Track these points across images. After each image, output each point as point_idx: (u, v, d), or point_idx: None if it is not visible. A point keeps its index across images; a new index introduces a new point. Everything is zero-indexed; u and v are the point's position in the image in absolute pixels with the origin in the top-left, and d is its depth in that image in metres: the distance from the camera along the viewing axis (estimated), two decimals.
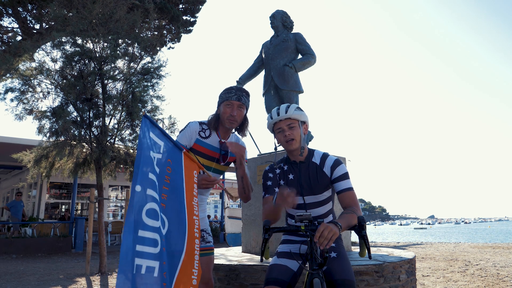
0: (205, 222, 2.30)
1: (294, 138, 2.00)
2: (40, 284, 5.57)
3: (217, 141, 2.20)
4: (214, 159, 2.20)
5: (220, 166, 2.26)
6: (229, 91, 2.19)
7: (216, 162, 2.22)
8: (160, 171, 1.76)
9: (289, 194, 1.73)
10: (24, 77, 6.57)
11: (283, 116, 1.99)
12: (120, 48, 7.06)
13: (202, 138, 2.16)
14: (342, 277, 1.80)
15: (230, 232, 11.75)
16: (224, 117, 2.17)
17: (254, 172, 4.15)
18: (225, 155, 2.22)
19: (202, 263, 2.16)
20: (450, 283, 4.97)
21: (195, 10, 14.04)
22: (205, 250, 2.21)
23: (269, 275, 1.90)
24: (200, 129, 2.17)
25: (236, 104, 2.17)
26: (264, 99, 4.52)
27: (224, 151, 2.22)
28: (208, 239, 2.25)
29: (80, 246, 11.34)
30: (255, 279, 2.94)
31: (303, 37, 4.46)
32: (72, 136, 6.70)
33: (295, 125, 2.01)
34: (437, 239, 27.54)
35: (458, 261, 7.27)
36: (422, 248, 11.02)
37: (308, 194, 2.04)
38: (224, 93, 2.20)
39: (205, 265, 2.17)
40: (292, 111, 2.00)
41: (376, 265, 2.89)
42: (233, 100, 2.16)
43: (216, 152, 2.19)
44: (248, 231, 4.13)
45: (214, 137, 2.20)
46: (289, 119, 2.00)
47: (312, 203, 2.04)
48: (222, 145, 2.21)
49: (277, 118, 2.01)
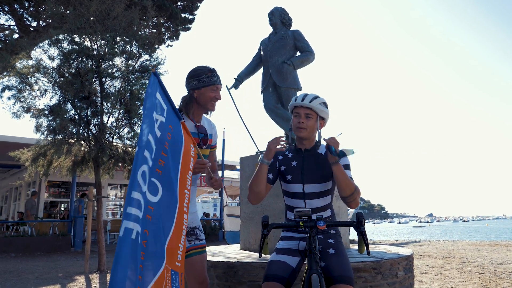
0: (197, 218, 2.24)
1: (306, 128, 2.01)
2: (39, 282, 5.57)
3: (193, 126, 2.18)
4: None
5: (203, 150, 2.21)
6: (212, 76, 2.15)
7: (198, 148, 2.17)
8: (161, 135, 1.72)
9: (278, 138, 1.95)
10: (21, 75, 6.55)
11: (306, 103, 2.00)
12: (118, 45, 7.03)
13: None
14: (341, 273, 1.81)
15: (229, 230, 11.75)
16: (207, 100, 2.15)
17: (253, 170, 4.15)
18: (204, 137, 2.20)
19: (197, 262, 2.11)
20: (448, 280, 4.99)
21: (194, 7, 14.00)
22: (199, 248, 2.15)
23: (268, 271, 1.90)
24: None
25: (220, 87, 2.20)
26: (263, 96, 4.51)
27: (203, 134, 2.20)
28: (201, 236, 2.20)
29: (79, 244, 11.33)
30: (253, 276, 2.94)
31: (302, 34, 4.45)
32: (70, 134, 6.69)
33: (313, 116, 2.02)
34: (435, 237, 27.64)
35: (456, 258, 7.30)
36: (420, 245, 11.05)
37: (309, 183, 2.04)
38: (207, 78, 2.14)
39: (200, 264, 2.12)
40: (316, 103, 2.01)
41: (374, 262, 2.90)
42: (218, 84, 2.17)
43: (195, 137, 2.14)
44: (246, 229, 4.14)
45: (188, 122, 2.16)
46: (309, 109, 2.01)
47: (311, 193, 2.04)
48: (199, 128, 2.19)
49: (299, 103, 2.02)
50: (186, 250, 2.09)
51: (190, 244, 2.13)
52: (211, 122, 2.35)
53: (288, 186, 2.10)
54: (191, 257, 2.12)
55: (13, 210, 18.17)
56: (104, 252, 6.64)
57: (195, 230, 2.19)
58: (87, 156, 6.83)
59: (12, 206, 18.46)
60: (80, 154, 6.92)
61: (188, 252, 2.12)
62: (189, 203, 1.88)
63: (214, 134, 2.33)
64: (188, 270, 2.09)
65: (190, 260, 2.11)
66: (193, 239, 2.16)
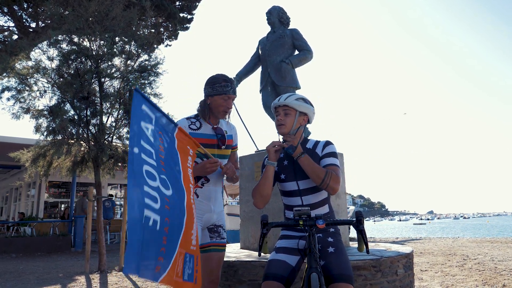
0: (222, 217, 2.32)
1: (285, 124, 2.09)
2: (39, 282, 5.57)
3: (210, 128, 2.28)
4: (214, 146, 2.26)
5: (222, 151, 2.30)
6: (226, 85, 2.24)
7: (217, 148, 2.27)
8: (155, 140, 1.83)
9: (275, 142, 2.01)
10: (21, 76, 6.54)
11: (282, 102, 2.10)
12: (117, 46, 7.03)
13: (194, 130, 2.24)
14: (340, 271, 1.81)
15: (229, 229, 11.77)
16: (219, 109, 2.25)
17: (252, 169, 4.15)
18: (222, 138, 2.28)
19: (213, 258, 2.17)
20: (448, 277, 4.99)
21: (192, 7, 13.99)
22: (219, 246, 2.23)
23: (268, 270, 1.90)
24: (189, 123, 2.26)
25: (232, 97, 2.27)
26: (261, 95, 4.51)
27: (220, 135, 2.28)
28: (223, 235, 2.28)
29: (79, 244, 11.35)
30: (253, 275, 2.95)
31: (300, 33, 4.45)
32: (70, 134, 6.69)
33: (290, 113, 2.09)
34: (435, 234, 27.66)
35: (456, 255, 7.31)
36: (420, 243, 11.06)
37: (302, 179, 2.06)
38: (220, 87, 2.23)
39: (216, 262, 2.19)
40: (292, 99, 2.08)
41: (374, 260, 2.91)
42: (231, 94, 2.25)
43: (213, 139, 2.26)
44: (246, 228, 4.14)
45: (205, 126, 2.28)
46: (286, 106, 2.09)
47: (306, 189, 2.06)
48: (216, 130, 2.28)
49: (276, 103, 2.13)
50: (207, 245, 2.20)
51: (211, 240, 2.22)
52: (231, 123, 2.45)
53: (284, 185, 2.13)
54: (209, 253, 2.19)
55: (13, 210, 18.19)
56: (104, 252, 6.64)
57: (219, 228, 2.27)
58: (86, 156, 6.83)
59: (13, 206, 18.47)
60: (80, 154, 6.92)
61: (208, 247, 2.19)
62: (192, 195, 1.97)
63: (234, 134, 2.44)
64: (203, 265, 2.15)
65: (207, 256, 2.18)
66: (215, 236, 2.24)
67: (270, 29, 4.58)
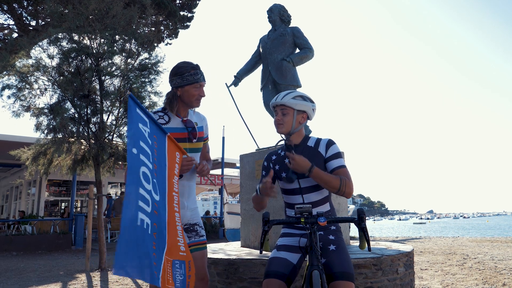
0: (197, 214, 2.24)
1: (283, 123, 2.08)
2: (40, 280, 5.58)
3: (180, 122, 2.18)
4: (185, 140, 2.18)
5: (194, 144, 2.21)
6: (195, 73, 2.14)
7: (188, 142, 2.19)
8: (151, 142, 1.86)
9: (266, 183, 1.93)
10: (21, 74, 6.54)
11: (278, 102, 2.09)
12: (117, 44, 7.02)
13: (163, 125, 2.13)
14: (341, 269, 1.81)
15: (229, 227, 11.78)
16: (192, 99, 2.15)
17: (253, 167, 4.15)
18: (193, 131, 2.20)
19: (197, 258, 2.11)
20: (448, 276, 5.00)
21: (193, 5, 13.96)
22: (199, 244, 2.16)
23: (269, 268, 1.90)
24: (157, 117, 2.15)
25: (203, 84, 2.19)
26: (262, 93, 4.51)
27: (191, 127, 2.19)
28: (201, 232, 2.20)
29: (80, 243, 11.36)
30: (254, 273, 2.95)
31: (301, 31, 4.44)
32: (70, 132, 6.69)
33: (288, 112, 2.08)
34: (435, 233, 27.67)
35: (456, 254, 7.31)
36: (420, 242, 11.07)
37: (303, 177, 2.05)
38: (190, 76, 2.13)
39: (200, 260, 2.12)
40: (288, 98, 2.07)
41: (374, 258, 2.91)
42: (202, 81, 2.17)
43: (183, 132, 2.17)
44: (246, 226, 4.14)
45: (174, 119, 2.18)
46: (283, 105, 2.08)
47: (308, 187, 2.05)
48: (186, 123, 2.19)
49: (273, 103, 2.13)
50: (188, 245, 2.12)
51: (190, 240, 2.14)
52: (200, 114, 2.34)
53: (285, 183, 2.12)
54: (191, 253, 2.11)
55: (13, 209, 18.22)
56: (104, 250, 6.65)
57: (195, 226, 2.19)
58: (87, 155, 6.83)
59: (13, 205, 18.50)
60: (80, 152, 6.92)
61: (189, 247, 2.11)
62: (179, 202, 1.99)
63: (205, 126, 2.32)
64: None
65: None
66: (193, 235, 2.16)
67: (271, 27, 4.58)
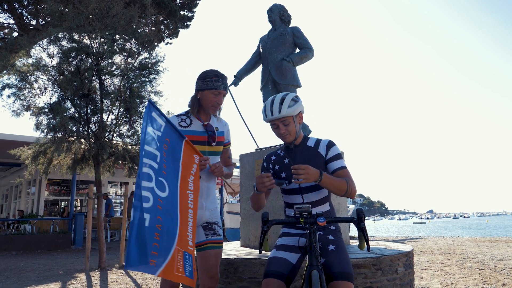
0: (216, 214, 2.31)
1: (289, 133, 2.05)
2: (40, 280, 5.58)
3: (200, 125, 2.27)
4: (204, 143, 2.25)
5: (213, 148, 2.29)
6: (216, 80, 2.21)
7: (207, 145, 2.26)
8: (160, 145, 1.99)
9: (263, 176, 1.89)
10: (21, 73, 6.54)
11: (277, 116, 1.99)
12: (117, 43, 7.02)
13: (184, 127, 2.23)
14: (341, 269, 1.81)
15: (229, 227, 11.79)
16: (209, 104, 2.24)
17: (253, 167, 4.15)
18: (212, 135, 2.27)
19: (211, 256, 2.17)
20: (448, 276, 5.00)
21: (193, 4, 13.96)
22: (215, 243, 2.21)
23: (268, 268, 1.91)
24: (179, 120, 2.25)
25: (223, 93, 2.25)
26: (262, 93, 4.51)
27: (210, 131, 2.26)
28: (219, 232, 2.26)
29: (79, 242, 11.36)
30: (253, 272, 2.95)
31: (301, 31, 4.44)
32: (70, 132, 6.69)
33: (289, 121, 2.03)
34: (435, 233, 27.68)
35: (456, 254, 7.31)
36: (420, 242, 11.07)
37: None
38: (211, 81, 2.21)
39: (214, 259, 2.18)
40: (285, 110, 1.98)
41: (374, 258, 2.91)
42: (221, 90, 2.23)
43: (203, 136, 2.25)
44: (246, 226, 4.14)
45: (195, 122, 2.27)
46: (282, 117, 2.01)
47: (307, 187, 2.05)
48: (206, 126, 2.27)
49: (271, 118, 2.02)
50: (203, 243, 2.20)
51: (207, 238, 2.21)
52: (223, 120, 2.41)
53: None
54: (206, 250, 2.18)
55: (13, 208, 18.21)
56: (104, 249, 6.65)
57: (214, 225, 2.25)
58: (87, 154, 6.83)
59: (13, 204, 18.49)
60: (80, 152, 6.92)
61: (204, 245, 2.19)
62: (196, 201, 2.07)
63: (226, 131, 2.41)
64: (201, 262, 2.17)
65: (205, 253, 2.18)
66: (210, 233, 2.23)
67: (271, 27, 4.57)
